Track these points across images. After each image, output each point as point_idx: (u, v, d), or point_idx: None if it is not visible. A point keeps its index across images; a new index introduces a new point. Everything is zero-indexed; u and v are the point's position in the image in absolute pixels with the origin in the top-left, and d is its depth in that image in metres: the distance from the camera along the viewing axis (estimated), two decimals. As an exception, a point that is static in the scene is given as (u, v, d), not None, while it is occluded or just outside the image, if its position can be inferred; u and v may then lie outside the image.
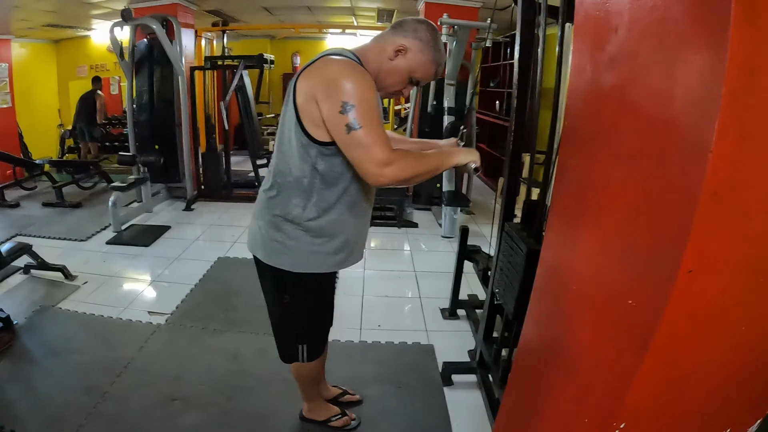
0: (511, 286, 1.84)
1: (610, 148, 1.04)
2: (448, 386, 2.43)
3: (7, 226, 4.92)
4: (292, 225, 1.51)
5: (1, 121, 6.81)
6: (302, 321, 1.73)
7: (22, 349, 2.75)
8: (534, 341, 1.47)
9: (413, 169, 1.32)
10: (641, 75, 0.91)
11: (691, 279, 0.77)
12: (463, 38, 4.11)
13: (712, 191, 0.72)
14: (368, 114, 1.28)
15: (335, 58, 1.37)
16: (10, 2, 5.15)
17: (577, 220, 1.21)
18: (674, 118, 0.81)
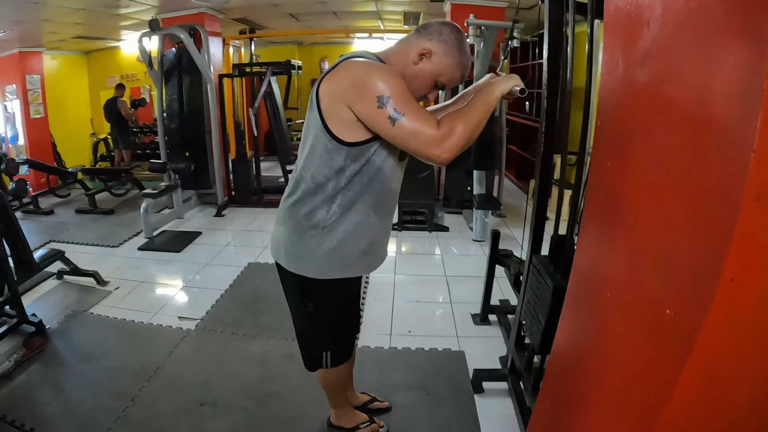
0: (537, 320, 1.77)
1: (645, 149, 0.99)
2: (478, 393, 2.36)
3: (41, 233, 5.06)
4: (315, 230, 1.48)
5: (35, 131, 7.09)
6: (327, 328, 1.69)
7: (54, 352, 2.80)
8: (567, 349, 1.41)
9: (468, 126, 1.26)
10: (676, 71, 0.86)
11: (732, 287, 0.71)
12: (491, 39, 4.03)
13: (756, 194, 0.66)
14: (405, 100, 1.26)
15: (356, 60, 1.35)
16: (40, 16, 5.32)
17: (612, 224, 1.15)
18: (712, 116, 0.75)
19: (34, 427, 2.17)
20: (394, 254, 4.41)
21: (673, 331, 0.83)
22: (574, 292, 1.37)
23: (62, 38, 6.73)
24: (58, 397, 2.42)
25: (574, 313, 1.37)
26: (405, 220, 5.05)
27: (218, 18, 5.86)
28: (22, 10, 4.94)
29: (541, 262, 1.88)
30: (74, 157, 7.91)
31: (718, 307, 0.73)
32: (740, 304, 0.73)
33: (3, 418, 2.23)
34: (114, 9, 5.30)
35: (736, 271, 0.70)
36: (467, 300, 3.34)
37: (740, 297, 0.72)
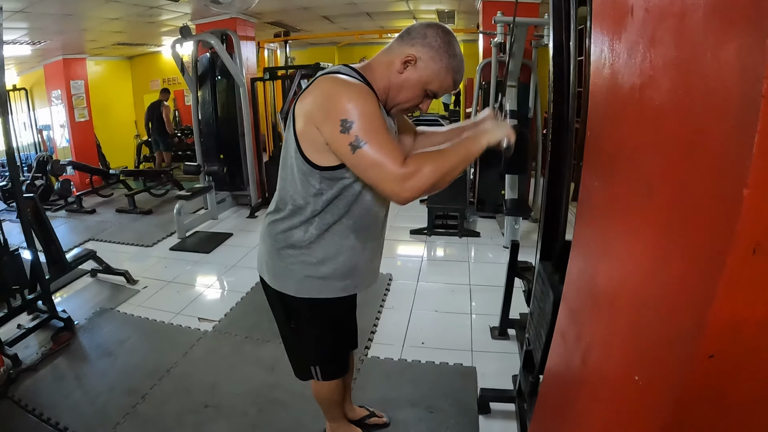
0: (539, 335, 1.65)
1: (630, 168, 0.84)
2: (484, 414, 2.26)
3: (82, 231, 5.33)
4: (294, 250, 1.44)
5: (80, 134, 7.48)
6: (312, 345, 1.65)
7: (80, 347, 2.94)
8: (557, 374, 1.31)
9: (437, 172, 1.18)
10: (660, 69, 0.69)
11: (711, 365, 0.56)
12: (521, 36, 3.88)
13: (750, 245, 0.49)
14: (371, 127, 1.17)
15: (329, 76, 1.27)
16: (79, 26, 5.59)
17: (596, 246, 1.04)
18: (700, 134, 0.58)
19: (50, 417, 2.29)
20: (420, 260, 4.33)
21: (643, 403, 0.71)
22: (561, 327, 1.27)
23: (103, 45, 7.08)
24: (76, 390, 2.53)
25: (564, 333, 1.27)
26: (435, 225, 4.95)
27: (251, 22, 5.96)
28: (61, 22, 5.22)
29: (546, 271, 1.75)
30: (119, 158, 8.30)
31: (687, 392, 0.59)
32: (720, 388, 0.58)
33: (25, 407, 2.37)
34: (149, 17, 5.50)
35: (718, 346, 0.55)
36: (489, 312, 3.22)
37: (722, 378, 0.57)
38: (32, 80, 7.93)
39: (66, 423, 2.25)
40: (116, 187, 7.00)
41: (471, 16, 6.35)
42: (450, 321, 3.21)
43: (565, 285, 1.28)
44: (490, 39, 4.64)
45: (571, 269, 1.23)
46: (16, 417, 2.32)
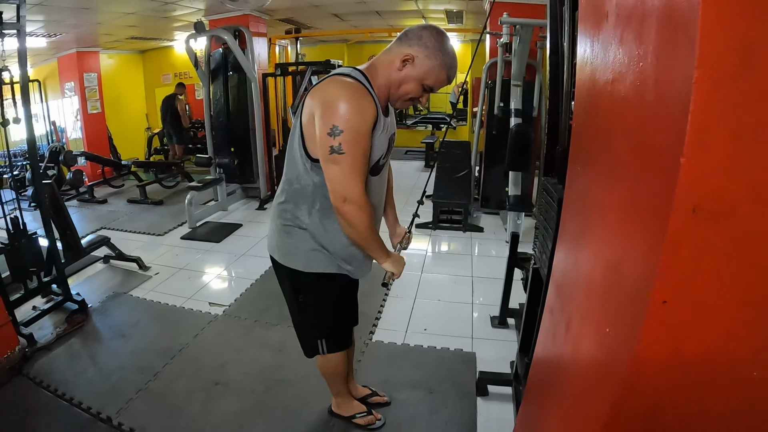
0: (546, 246, 1.74)
1: (603, 153, 0.96)
2: (482, 397, 2.35)
3: (94, 220, 5.46)
4: (299, 230, 1.58)
5: (92, 125, 7.65)
6: (317, 317, 1.78)
7: (93, 329, 3.05)
8: (543, 355, 1.42)
9: (363, 229, 1.45)
10: (625, 65, 0.81)
11: (664, 311, 0.65)
12: (526, 37, 3.96)
13: (690, 206, 0.59)
14: (354, 144, 1.35)
15: (340, 78, 1.41)
16: (94, 20, 5.72)
17: (581, 232, 1.13)
18: (653, 117, 0.69)
19: (65, 393, 2.40)
20: (424, 253, 4.43)
21: (611, 350, 0.80)
22: (550, 302, 1.37)
23: (117, 39, 7.20)
24: (90, 368, 2.65)
25: (548, 323, 1.37)
26: (440, 219, 5.05)
27: (263, 19, 6.07)
28: (76, 15, 5.35)
29: (549, 183, 1.83)
30: (130, 150, 8.43)
31: (648, 333, 0.67)
32: (676, 330, 0.66)
33: (39, 383, 2.48)
34: (163, 12, 5.61)
35: (669, 292, 0.64)
36: (489, 302, 3.32)
37: (676, 323, 0.66)
38: (45, 72, 8.07)
39: (80, 398, 2.35)
40: (127, 179, 7.14)
41: (478, 16, 6.43)
42: (452, 310, 3.31)
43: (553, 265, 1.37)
44: (496, 39, 4.73)
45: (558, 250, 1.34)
46: (31, 392, 2.44)
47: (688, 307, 0.64)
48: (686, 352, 0.68)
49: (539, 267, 1.90)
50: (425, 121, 10.28)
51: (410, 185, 6.57)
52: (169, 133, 7.77)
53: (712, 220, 0.59)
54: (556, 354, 1.23)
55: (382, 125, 1.47)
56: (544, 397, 1.32)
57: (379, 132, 1.46)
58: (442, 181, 5.18)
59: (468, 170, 5.34)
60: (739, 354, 0.67)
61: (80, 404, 2.32)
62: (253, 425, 2.19)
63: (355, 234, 1.47)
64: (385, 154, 1.55)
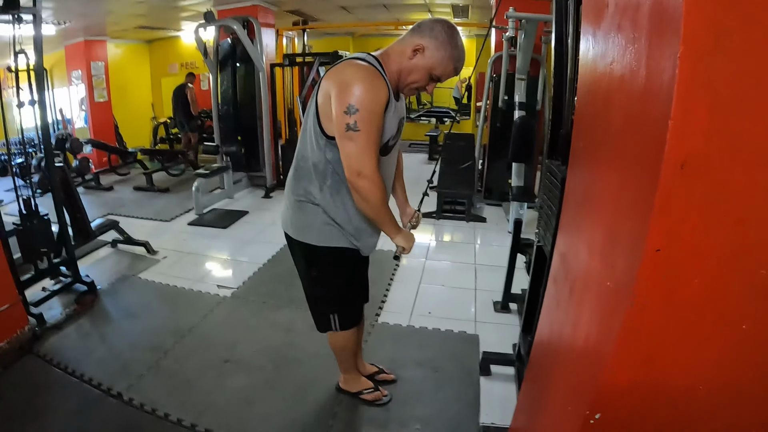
0: (549, 224, 1.80)
1: (601, 128, 1.04)
2: (485, 376, 2.42)
3: (100, 207, 5.50)
4: (312, 205, 1.66)
5: (99, 114, 7.69)
6: (330, 291, 1.85)
7: (103, 309, 3.11)
8: (543, 335, 1.49)
9: (375, 203, 1.52)
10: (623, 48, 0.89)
11: (658, 258, 0.72)
12: (531, 32, 4.01)
13: (679, 162, 0.67)
14: (369, 122, 1.43)
15: (356, 62, 1.49)
16: (104, 8, 5.77)
17: (583, 203, 1.20)
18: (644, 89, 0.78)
19: (75, 370, 2.46)
20: (428, 241, 4.49)
21: (612, 303, 0.85)
22: (554, 272, 1.43)
23: (124, 28, 7.26)
24: (100, 347, 2.71)
25: (549, 301, 1.44)
26: (444, 209, 5.11)
27: (272, 10, 6.11)
28: (86, 3, 5.39)
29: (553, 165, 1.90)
30: (135, 138, 8.47)
31: (644, 278, 0.74)
32: (668, 275, 0.73)
33: (50, 361, 2.54)
34: (172, 2, 5.67)
35: (662, 241, 0.71)
36: (492, 288, 3.38)
37: (668, 269, 0.73)
38: (53, 60, 8.09)
39: (90, 375, 2.40)
40: (133, 167, 7.19)
41: (484, 10, 6.47)
42: (455, 295, 3.38)
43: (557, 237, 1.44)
44: (502, 33, 4.77)
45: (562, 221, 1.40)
46: (41, 370, 2.49)
47: (678, 254, 0.72)
48: (678, 299, 0.75)
49: (543, 245, 1.96)
50: (429, 115, 10.33)
51: (414, 177, 6.52)
52: (180, 122, 7.76)
53: (696, 175, 0.68)
54: (559, 320, 1.29)
55: (393, 107, 1.55)
56: (547, 366, 1.38)
57: (391, 113, 1.54)
58: (446, 172, 5.24)
59: (471, 162, 5.39)
60: (727, 303, 0.74)
61: (90, 381, 2.37)
62: (263, 400, 2.25)
63: (368, 208, 1.54)
64: (394, 135, 1.63)
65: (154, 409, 2.18)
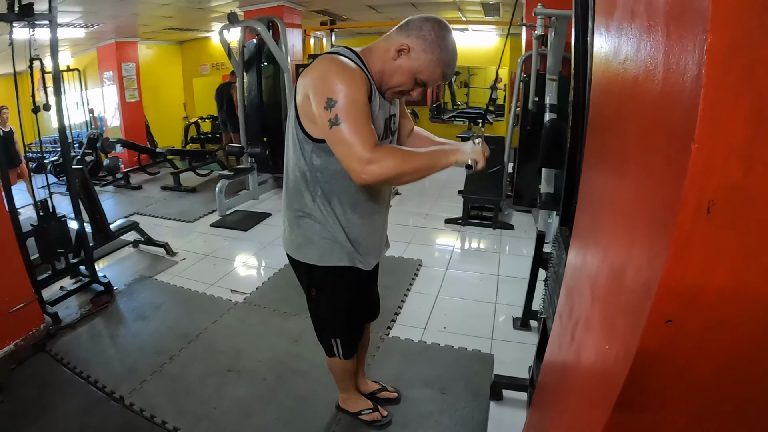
0: (552, 300, 1.66)
1: (614, 142, 0.87)
2: (496, 401, 2.27)
3: (128, 205, 5.63)
4: (308, 218, 1.53)
5: (130, 114, 7.86)
6: (333, 313, 1.74)
7: (117, 310, 3.14)
8: (551, 360, 1.35)
9: (399, 167, 1.27)
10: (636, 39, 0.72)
11: (670, 331, 0.55)
12: (562, 29, 3.80)
13: (703, 203, 0.48)
14: (352, 111, 1.27)
15: (330, 56, 1.37)
16: (131, 11, 5.85)
17: (591, 230, 1.04)
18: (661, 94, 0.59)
19: (83, 371, 2.47)
20: (452, 249, 4.35)
21: (609, 373, 0.69)
22: (561, 306, 1.29)
23: (155, 30, 7.38)
24: (109, 348, 2.72)
25: (557, 328, 1.29)
26: (471, 215, 4.95)
27: (298, 10, 6.07)
28: (114, 6, 5.48)
29: (563, 235, 1.76)
30: (167, 138, 8.64)
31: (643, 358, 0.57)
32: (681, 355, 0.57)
33: (60, 360, 2.57)
34: (198, 3, 5.70)
35: (675, 310, 0.53)
36: (513, 302, 3.21)
37: (680, 345, 0.56)
38: (85, 62, 8.34)
39: (96, 377, 2.42)
40: (163, 166, 7.33)
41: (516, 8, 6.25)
42: (474, 309, 3.23)
43: (566, 266, 1.29)
44: (531, 31, 4.56)
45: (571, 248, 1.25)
46: (51, 369, 2.53)
47: (696, 328, 0.54)
48: (691, 380, 0.58)
49: (546, 318, 1.81)
50: (463, 116, 10.11)
51: (444, 180, 6.45)
52: (224, 121, 7.75)
53: (729, 220, 0.48)
54: (560, 361, 1.16)
55: (378, 102, 1.41)
56: (548, 405, 1.25)
57: (377, 109, 1.41)
58: (474, 176, 5.04)
59: (501, 166, 5.20)
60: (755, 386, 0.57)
61: (96, 382, 2.38)
62: (261, 413, 2.19)
63: (401, 180, 1.33)
64: (382, 135, 1.48)
65: (153, 415, 2.17)
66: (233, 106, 7.54)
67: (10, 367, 2.49)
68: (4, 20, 2.69)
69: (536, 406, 1.48)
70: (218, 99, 7.73)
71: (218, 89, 7.74)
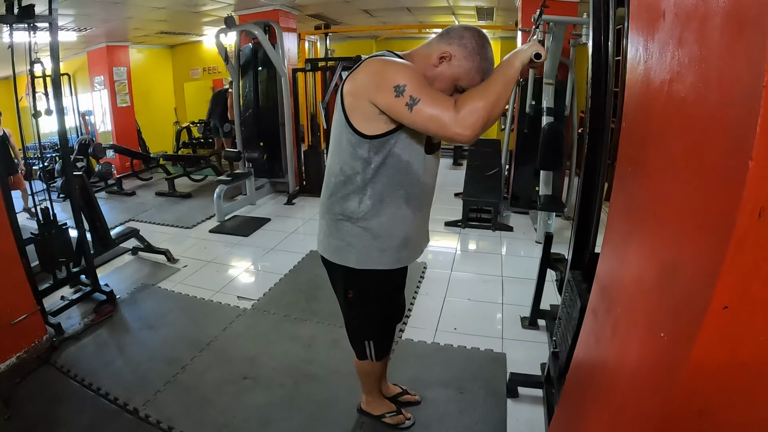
0: (565, 338, 1.69)
1: (658, 153, 0.91)
2: (512, 398, 2.29)
3: (122, 212, 5.54)
4: (351, 223, 1.53)
5: (121, 119, 7.77)
6: (368, 317, 1.75)
7: (121, 319, 3.08)
8: (584, 359, 1.36)
9: (487, 103, 1.24)
10: (686, 66, 0.77)
11: (726, 316, 0.62)
12: (560, 35, 3.86)
13: (756, 210, 0.57)
14: (421, 87, 1.28)
15: (375, 57, 1.39)
16: (124, 14, 5.78)
17: (629, 234, 1.08)
18: (715, 118, 0.66)
19: (92, 383, 2.42)
20: (454, 251, 4.37)
21: (666, 356, 0.75)
22: (593, 304, 1.32)
23: (146, 33, 7.30)
24: (117, 358, 2.66)
25: (592, 323, 1.32)
26: (470, 218, 4.98)
27: (293, 14, 6.05)
28: (107, 9, 5.39)
29: (575, 280, 1.79)
30: (158, 143, 8.54)
31: (706, 338, 0.64)
32: (735, 335, 0.64)
33: (66, 372, 2.51)
34: (194, 7, 5.65)
35: (731, 298, 0.61)
36: (519, 302, 3.24)
37: (734, 328, 0.63)
38: (75, 66, 8.21)
39: (107, 389, 2.36)
40: (155, 172, 7.24)
41: (509, 13, 6.32)
42: (482, 309, 3.24)
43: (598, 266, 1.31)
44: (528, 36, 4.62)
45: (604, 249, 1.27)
46: (58, 381, 2.46)
47: (749, 312, 0.62)
48: (745, 359, 0.65)
49: (559, 351, 1.84)
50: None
51: (440, 183, 6.40)
52: (215, 126, 7.70)
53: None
54: (600, 356, 1.18)
55: None
56: (585, 399, 1.26)
57: None
58: (472, 179, 5.11)
59: (498, 169, 5.25)
60: None
61: (107, 395, 2.33)
62: (282, 419, 2.17)
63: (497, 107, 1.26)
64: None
65: (171, 426, 2.13)
66: (226, 111, 7.51)
67: (15, 380, 2.42)
68: (3, 22, 2.64)
69: (567, 401, 1.49)
70: (213, 104, 7.67)
71: (215, 96, 7.70)
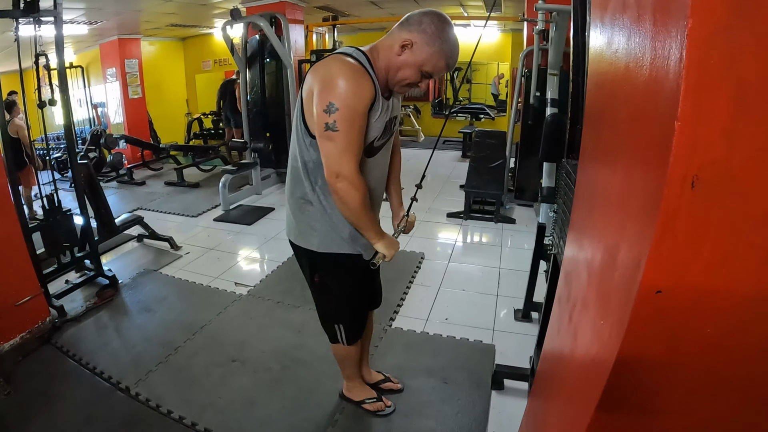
0: (564, 231, 1.68)
1: (610, 135, 0.89)
2: (497, 390, 2.30)
3: (132, 201, 5.67)
4: (310, 206, 1.58)
5: (133, 110, 7.90)
6: (335, 299, 1.78)
7: (122, 303, 3.17)
8: (548, 349, 1.38)
9: (355, 207, 1.44)
10: (626, 30, 0.75)
11: (659, 302, 0.58)
12: (562, 24, 3.80)
13: (688, 177, 0.51)
14: (349, 121, 1.34)
15: (342, 57, 1.41)
16: (134, 7, 5.88)
17: (587, 217, 1.07)
18: (648, 80, 0.62)
19: (89, 362, 2.51)
20: (454, 242, 4.37)
21: (603, 346, 0.73)
22: (559, 292, 1.32)
23: (157, 26, 7.40)
24: (115, 340, 2.76)
25: (556, 313, 1.32)
26: (472, 209, 4.97)
27: (300, 6, 6.09)
28: (117, 2, 5.50)
29: (570, 165, 1.77)
30: (170, 134, 8.67)
31: (638, 327, 0.60)
32: (672, 325, 0.59)
33: (66, 352, 2.60)
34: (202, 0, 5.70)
35: (666, 281, 0.56)
36: (515, 295, 3.23)
37: (672, 316, 0.58)
38: (88, 58, 8.35)
39: (102, 368, 2.46)
40: (166, 162, 7.37)
41: (517, 3, 6.25)
42: (475, 301, 3.25)
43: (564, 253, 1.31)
44: (533, 27, 4.57)
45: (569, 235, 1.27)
46: (58, 361, 2.56)
47: (690, 300, 0.57)
48: (689, 351, 0.61)
49: (557, 253, 1.83)
50: (465, 111, 10.10)
51: (446, 175, 6.52)
52: (227, 116, 7.74)
53: (714, 194, 0.51)
54: (559, 345, 1.18)
55: (380, 107, 1.46)
56: (547, 389, 1.28)
57: (377, 114, 1.45)
58: (476, 170, 5.09)
59: (502, 161, 5.22)
60: (743, 356, 0.59)
61: (102, 373, 2.42)
62: (265, 402, 2.22)
63: (347, 211, 1.47)
64: (380, 136, 1.53)
65: (159, 404, 2.21)
66: (236, 102, 7.56)
67: (17, 359, 2.52)
68: (8, 16, 2.71)
69: (535, 392, 1.51)
70: (220, 96, 7.74)
71: (222, 86, 7.75)
